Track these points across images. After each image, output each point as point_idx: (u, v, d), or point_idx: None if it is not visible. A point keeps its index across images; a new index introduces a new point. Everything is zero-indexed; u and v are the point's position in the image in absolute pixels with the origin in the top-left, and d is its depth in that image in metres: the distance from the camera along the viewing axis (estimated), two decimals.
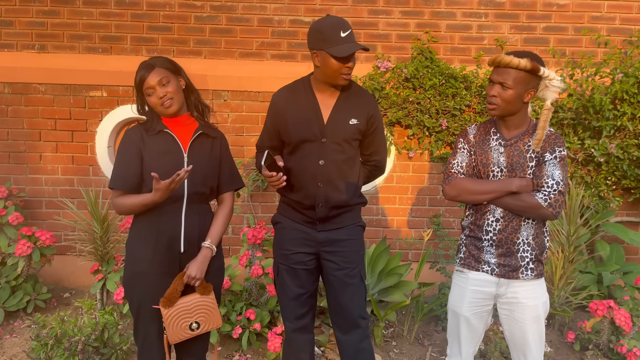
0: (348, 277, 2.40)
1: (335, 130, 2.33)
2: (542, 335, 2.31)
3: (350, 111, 2.36)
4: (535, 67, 2.08)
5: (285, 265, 2.42)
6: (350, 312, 2.43)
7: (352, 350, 2.45)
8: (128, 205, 2.17)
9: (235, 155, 4.29)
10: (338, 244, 2.40)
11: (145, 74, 2.15)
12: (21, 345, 3.44)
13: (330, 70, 2.24)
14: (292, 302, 2.44)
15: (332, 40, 2.19)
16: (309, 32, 2.27)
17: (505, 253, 2.24)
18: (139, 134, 2.20)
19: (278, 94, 2.40)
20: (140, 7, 4.20)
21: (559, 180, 2.12)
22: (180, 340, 2.21)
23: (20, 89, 4.21)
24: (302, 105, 2.34)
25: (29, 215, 4.29)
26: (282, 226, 2.45)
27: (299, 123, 2.32)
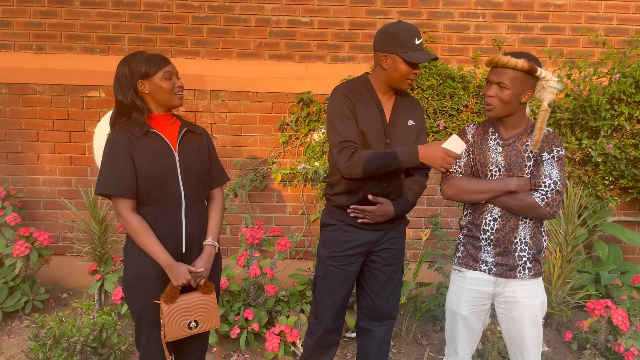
0: (394, 272, 2.53)
1: (396, 132, 2.40)
2: (539, 334, 2.32)
3: (407, 113, 2.44)
4: (532, 68, 2.09)
5: (335, 266, 2.45)
6: (390, 305, 2.54)
7: (380, 339, 2.56)
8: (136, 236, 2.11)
9: (233, 155, 4.30)
10: (389, 242, 2.49)
11: (165, 59, 2.17)
12: (19, 346, 3.44)
13: (398, 74, 2.30)
14: (337, 304, 2.48)
15: (407, 46, 2.25)
16: (381, 35, 2.30)
17: (503, 252, 2.24)
18: (125, 136, 2.13)
19: (343, 88, 2.36)
20: (137, 8, 4.20)
21: (557, 180, 2.12)
22: (177, 338, 2.18)
23: (18, 89, 4.21)
24: (368, 103, 2.38)
25: (26, 215, 4.28)
26: (337, 228, 2.45)
27: (367, 119, 2.35)
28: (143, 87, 2.15)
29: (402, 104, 2.45)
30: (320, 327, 2.52)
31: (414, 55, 2.25)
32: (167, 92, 2.16)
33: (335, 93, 2.37)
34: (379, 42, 2.32)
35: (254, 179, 4.26)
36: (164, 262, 2.11)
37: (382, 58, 2.31)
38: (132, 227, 2.11)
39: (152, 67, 2.13)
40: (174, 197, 2.18)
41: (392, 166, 2.27)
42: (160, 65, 2.14)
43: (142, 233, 2.10)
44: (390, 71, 2.31)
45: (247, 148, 4.32)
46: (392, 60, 2.29)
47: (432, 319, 3.96)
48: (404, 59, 2.25)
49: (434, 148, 2.22)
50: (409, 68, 2.28)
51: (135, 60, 2.14)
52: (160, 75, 2.14)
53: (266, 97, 4.26)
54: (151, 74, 2.14)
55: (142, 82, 2.14)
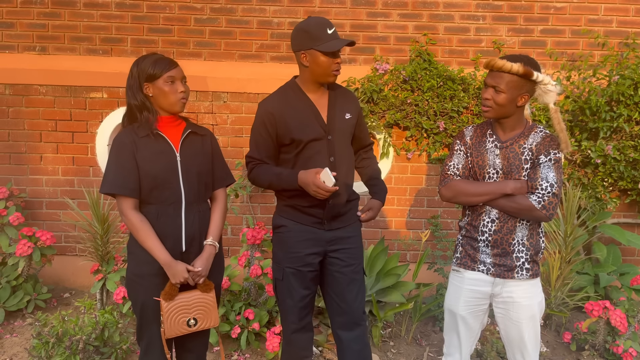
0: (354, 273, 2.48)
1: (337, 127, 2.40)
2: (537, 334, 2.34)
3: (343, 107, 2.45)
4: (528, 72, 2.10)
5: (292, 268, 2.42)
6: (355, 309, 2.49)
7: (357, 347, 2.50)
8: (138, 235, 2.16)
9: (234, 157, 4.32)
10: (344, 242, 2.46)
11: (171, 62, 2.18)
12: (22, 345, 3.47)
13: (320, 68, 2.30)
14: (298, 304, 2.45)
15: (320, 38, 2.26)
16: (294, 34, 2.31)
17: (501, 253, 2.26)
18: (130, 137, 2.18)
19: (268, 102, 2.38)
20: (140, 10, 4.23)
21: (553, 183, 2.14)
22: (176, 335, 2.23)
23: (21, 90, 4.24)
24: (299, 108, 2.37)
25: (29, 215, 4.31)
26: (288, 229, 2.44)
27: (302, 124, 2.34)
28: (148, 89, 2.19)
29: (336, 98, 2.45)
30: (287, 328, 2.50)
31: (329, 44, 2.26)
32: (168, 97, 2.19)
33: (258, 109, 2.39)
34: (294, 42, 2.32)
35: None
36: (163, 260, 2.15)
37: (302, 56, 2.32)
38: (134, 225, 2.16)
39: (157, 70, 2.16)
40: (174, 197, 2.22)
41: (281, 186, 2.36)
42: (164, 69, 2.17)
43: (143, 231, 2.15)
44: (312, 67, 2.31)
45: (248, 149, 4.33)
46: (311, 56, 2.29)
47: (432, 320, 3.98)
48: (320, 51, 2.26)
49: (308, 178, 2.22)
50: (328, 59, 2.28)
51: (144, 62, 2.18)
52: (164, 79, 2.17)
53: None
54: (155, 77, 2.17)
55: (147, 84, 2.18)
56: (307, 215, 2.42)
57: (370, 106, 4.16)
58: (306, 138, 2.34)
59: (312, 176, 2.21)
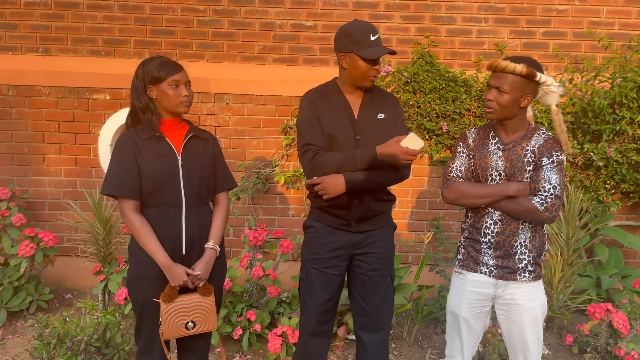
0: (380, 278, 2.46)
1: (366, 127, 2.40)
2: (540, 336, 2.34)
3: (377, 107, 2.44)
4: (531, 73, 2.11)
5: (316, 269, 2.43)
6: (379, 313, 2.48)
7: (376, 349, 2.50)
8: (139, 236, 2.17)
9: (236, 158, 4.33)
10: (372, 245, 2.45)
11: (176, 66, 2.19)
12: (24, 345, 3.47)
13: (358, 72, 2.32)
14: (319, 307, 2.45)
15: (362, 43, 2.27)
16: (338, 36, 2.33)
17: (503, 255, 2.27)
18: (132, 139, 2.19)
19: (310, 94, 2.42)
20: (143, 11, 4.24)
21: (556, 185, 2.14)
22: (174, 337, 2.24)
23: (24, 91, 4.25)
24: (334, 105, 2.40)
25: (32, 216, 4.32)
26: (316, 230, 2.45)
27: (334, 120, 2.37)
28: (152, 92, 2.21)
29: (371, 99, 2.45)
30: (305, 330, 2.50)
31: (369, 51, 2.27)
32: (172, 100, 2.20)
33: (302, 100, 2.42)
34: (336, 43, 2.35)
35: (257, 181, 4.29)
36: (162, 263, 2.17)
37: (342, 58, 2.34)
38: (134, 227, 2.17)
39: (162, 73, 2.17)
40: (174, 200, 2.23)
41: (351, 167, 2.29)
42: (169, 72, 2.18)
43: (143, 233, 2.16)
44: (350, 70, 2.33)
45: (250, 151, 4.35)
46: (351, 59, 2.31)
47: (434, 322, 3.98)
48: (360, 56, 2.27)
49: (391, 147, 2.18)
50: (367, 65, 2.29)
51: (149, 65, 2.20)
52: (168, 82, 2.18)
53: (270, 100, 4.29)
54: (160, 81, 2.18)
55: (151, 87, 2.20)
56: (333, 216, 2.42)
57: None
58: (335, 133, 2.36)
59: (395, 145, 2.16)
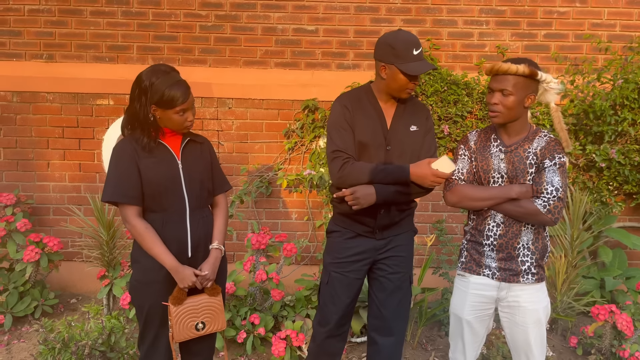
0: (400, 281, 2.49)
1: (398, 138, 2.39)
2: (543, 339, 2.34)
3: (410, 119, 2.43)
4: (533, 72, 2.13)
5: (338, 273, 2.45)
6: (394, 317, 2.50)
7: (387, 353, 2.52)
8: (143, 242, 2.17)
9: (239, 162, 4.35)
10: (395, 250, 2.47)
11: (184, 95, 2.15)
12: (29, 350, 3.49)
13: (397, 84, 2.30)
14: (340, 311, 2.47)
15: (404, 57, 2.24)
16: (380, 45, 2.30)
17: (506, 257, 2.27)
18: (131, 145, 2.19)
19: (344, 98, 2.39)
20: (146, 17, 4.27)
21: (559, 187, 2.15)
22: (185, 339, 2.25)
23: (29, 97, 4.29)
24: (368, 112, 2.38)
25: (36, 222, 4.35)
26: (340, 234, 2.46)
27: (367, 128, 2.36)
28: (155, 112, 2.18)
29: (405, 110, 2.43)
30: (323, 332, 2.52)
31: (411, 66, 2.24)
32: (177, 124, 2.21)
33: (335, 104, 2.39)
34: (377, 52, 2.32)
35: (260, 185, 4.31)
36: (170, 265, 2.17)
37: (381, 67, 2.31)
38: (138, 232, 2.17)
39: (170, 102, 2.13)
40: (178, 204, 2.24)
41: (381, 181, 2.28)
42: (178, 102, 2.14)
43: (148, 238, 2.17)
44: (388, 81, 2.31)
45: (253, 155, 4.37)
46: (391, 71, 2.28)
47: (437, 324, 3.98)
48: (401, 70, 2.25)
49: (423, 168, 2.22)
50: (406, 79, 2.27)
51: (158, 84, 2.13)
52: (175, 111, 2.17)
53: (272, 104, 4.31)
54: (167, 107, 2.15)
55: (155, 108, 2.17)
56: (358, 224, 2.43)
57: None
58: (367, 141, 2.35)
59: (427, 167, 2.21)
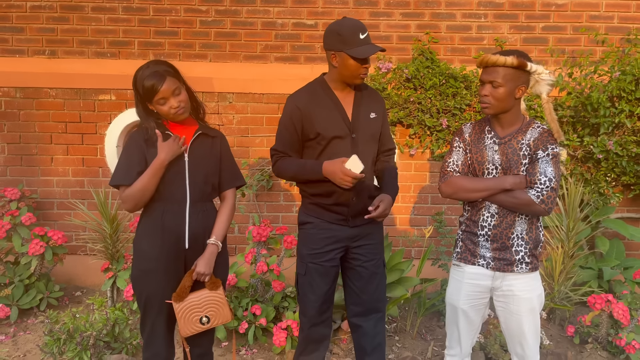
0: (375, 267, 2.58)
1: (361, 125, 2.46)
2: (537, 326, 2.38)
3: (368, 106, 2.50)
4: (522, 63, 2.16)
5: (315, 263, 2.50)
6: (375, 299, 2.60)
7: (372, 333, 2.62)
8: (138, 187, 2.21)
9: (240, 156, 4.39)
10: (367, 237, 2.55)
11: (157, 83, 2.16)
12: (35, 341, 3.55)
13: (348, 70, 2.35)
14: (320, 298, 2.53)
15: (351, 42, 2.29)
16: (327, 34, 2.35)
17: (500, 247, 2.31)
18: (141, 135, 2.27)
19: (296, 97, 2.44)
20: (147, 13, 4.31)
21: (552, 177, 2.18)
22: (191, 333, 2.32)
23: (32, 93, 4.34)
24: (325, 105, 2.43)
25: (41, 216, 4.41)
26: (313, 226, 2.51)
27: (327, 121, 2.41)
28: (152, 106, 2.27)
29: (362, 97, 2.50)
30: (307, 322, 2.58)
31: (359, 50, 2.29)
32: (166, 114, 2.26)
33: (288, 103, 2.44)
34: (326, 41, 2.37)
35: (261, 178, 4.35)
36: (159, 161, 2.22)
37: (332, 56, 2.37)
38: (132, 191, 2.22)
39: (148, 95, 2.20)
40: (179, 195, 2.29)
41: (305, 177, 2.41)
42: (155, 90, 2.18)
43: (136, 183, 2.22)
44: (340, 68, 2.37)
45: (254, 149, 4.41)
46: (341, 58, 2.34)
47: (436, 315, 4.03)
48: (350, 55, 2.30)
49: (335, 166, 2.29)
50: (357, 63, 2.33)
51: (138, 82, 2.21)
52: (156, 101, 2.22)
53: (272, 99, 4.35)
54: (150, 101, 2.23)
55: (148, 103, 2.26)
56: (331, 212, 2.49)
57: None
58: (330, 134, 2.41)
59: (338, 164, 2.27)
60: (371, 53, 2.30)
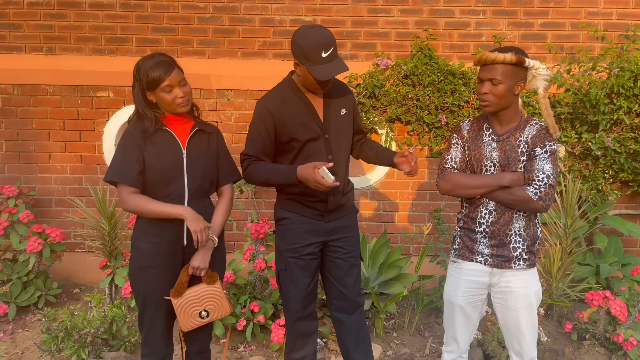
0: (353, 259, 2.62)
1: (333, 125, 2.46)
2: (534, 323, 2.38)
3: (338, 103, 2.49)
4: (520, 59, 2.16)
5: (295, 258, 2.51)
6: (354, 292, 2.64)
7: (355, 328, 2.64)
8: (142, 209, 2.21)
9: (238, 153, 4.34)
10: (343, 230, 2.59)
11: (166, 70, 2.18)
12: (33, 339, 3.55)
13: (309, 82, 2.33)
14: (302, 292, 2.54)
15: (312, 59, 2.22)
16: (292, 41, 2.29)
17: (498, 244, 2.31)
18: (139, 130, 2.25)
19: (267, 101, 2.39)
20: (144, 9, 4.30)
21: (550, 174, 2.19)
22: (191, 328, 2.33)
23: (29, 90, 4.32)
24: (297, 107, 2.41)
25: (39, 213, 4.40)
26: (291, 221, 2.52)
27: (300, 124, 2.39)
28: (151, 97, 2.26)
29: (331, 94, 2.48)
30: (291, 317, 2.59)
31: (319, 70, 2.22)
32: (169, 104, 2.24)
33: (258, 106, 2.40)
34: (292, 48, 2.31)
35: None
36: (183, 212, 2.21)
37: (295, 64, 2.32)
38: (137, 204, 2.22)
39: (154, 81, 2.19)
40: (177, 192, 2.29)
41: (278, 181, 2.39)
42: (161, 79, 2.19)
43: (149, 203, 2.22)
44: (303, 78, 2.34)
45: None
46: (303, 69, 2.29)
47: (435, 311, 4.03)
48: (310, 73, 2.25)
49: (309, 173, 2.23)
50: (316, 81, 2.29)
51: (142, 70, 2.21)
52: (161, 89, 2.21)
53: None
54: (154, 87, 2.21)
55: (149, 93, 2.24)
56: (309, 208, 2.50)
57: (372, 101, 4.21)
58: (304, 137, 2.40)
59: (311, 172, 2.23)
60: (330, 76, 2.22)
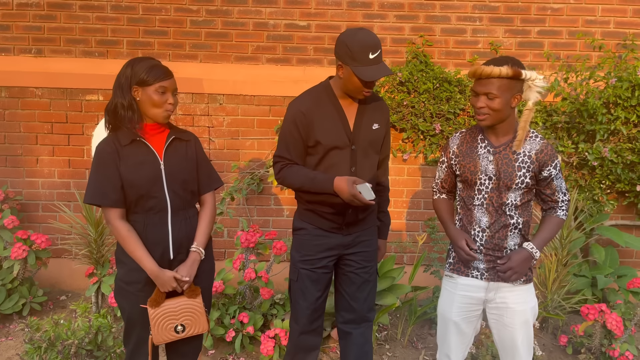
0: (368, 275, 2.55)
1: (362, 137, 2.39)
2: (530, 339, 2.34)
3: (371, 116, 2.42)
4: (516, 72, 2.09)
5: (307, 270, 2.46)
6: (366, 307, 2.58)
7: (362, 341, 2.61)
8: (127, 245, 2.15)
9: (230, 159, 4.31)
10: (361, 245, 2.52)
11: (166, 74, 2.14)
12: (16, 348, 3.46)
13: (352, 85, 2.27)
14: (311, 305, 2.50)
15: (359, 59, 2.19)
16: (337, 42, 2.25)
17: (494, 260, 2.26)
18: (112, 146, 2.16)
19: (300, 102, 2.35)
20: (136, 12, 4.22)
21: (565, 191, 2.27)
22: (164, 342, 2.23)
23: (17, 92, 4.24)
24: (328, 113, 2.35)
25: (25, 218, 4.31)
26: (307, 232, 2.47)
27: (329, 130, 2.33)
28: (137, 93, 2.15)
29: (365, 107, 2.42)
30: (297, 329, 2.55)
31: (365, 71, 2.19)
32: (157, 105, 2.15)
33: (291, 108, 2.35)
34: (336, 49, 2.27)
35: (251, 182, 4.28)
36: (150, 270, 2.15)
37: (338, 66, 2.28)
38: (121, 235, 2.15)
39: (151, 77, 2.12)
40: (160, 206, 2.20)
41: (312, 189, 2.30)
42: (158, 78, 2.13)
43: (130, 241, 2.14)
44: (345, 81, 2.28)
45: (244, 151, 4.33)
46: (346, 71, 2.25)
47: (428, 323, 3.97)
48: (355, 74, 2.20)
49: (347, 186, 2.16)
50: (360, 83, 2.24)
51: (139, 65, 2.14)
52: (155, 87, 2.13)
53: (263, 101, 4.28)
54: (147, 84, 2.13)
55: (137, 88, 2.14)
56: (326, 220, 2.44)
57: None
58: (329, 143, 2.33)
59: (350, 186, 2.16)
60: (377, 77, 2.19)
